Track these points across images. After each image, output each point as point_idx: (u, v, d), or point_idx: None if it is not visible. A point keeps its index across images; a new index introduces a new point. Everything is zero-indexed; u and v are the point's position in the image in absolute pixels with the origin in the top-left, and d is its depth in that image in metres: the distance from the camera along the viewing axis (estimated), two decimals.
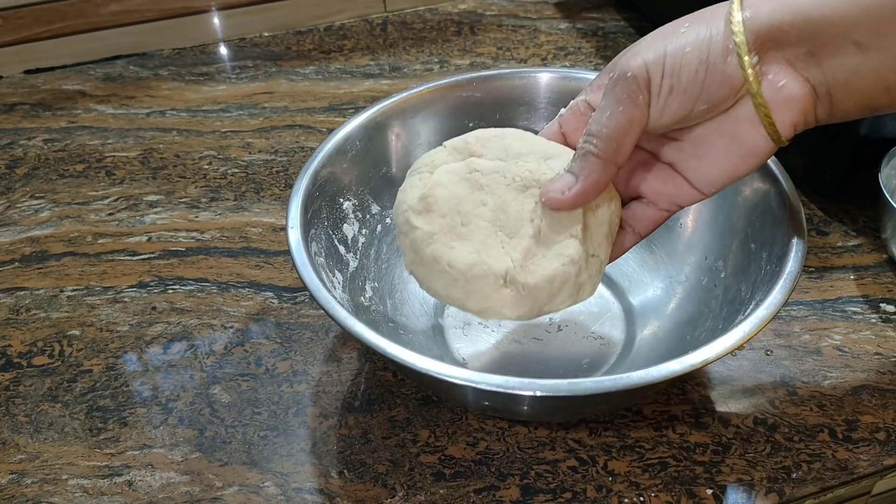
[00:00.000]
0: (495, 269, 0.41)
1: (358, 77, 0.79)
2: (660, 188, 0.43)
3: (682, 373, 0.38)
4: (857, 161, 0.58)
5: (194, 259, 0.60)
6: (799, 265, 0.42)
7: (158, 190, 0.66)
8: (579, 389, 0.38)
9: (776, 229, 0.45)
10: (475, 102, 0.55)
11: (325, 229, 0.49)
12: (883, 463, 0.46)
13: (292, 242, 0.45)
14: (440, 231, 0.42)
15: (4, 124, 0.75)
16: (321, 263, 0.46)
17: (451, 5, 0.90)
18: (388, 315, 0.51)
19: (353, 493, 0.45)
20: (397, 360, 0.39)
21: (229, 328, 0.55)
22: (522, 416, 0.48)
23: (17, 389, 0.52)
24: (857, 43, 0.36)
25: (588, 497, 0.45)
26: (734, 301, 0.46)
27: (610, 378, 0.38)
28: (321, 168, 0.50)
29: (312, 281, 0.43)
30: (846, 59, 0.37)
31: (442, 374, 0.38)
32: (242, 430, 0.49)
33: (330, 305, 0.41)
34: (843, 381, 0.50)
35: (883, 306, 0.54)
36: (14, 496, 0.46)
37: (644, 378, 0.38)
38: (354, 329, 0.40)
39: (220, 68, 0.81)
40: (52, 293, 0.58)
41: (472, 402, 0.46)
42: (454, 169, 0.43)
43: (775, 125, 0.38)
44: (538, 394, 0.38)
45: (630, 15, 0.87)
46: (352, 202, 0.52)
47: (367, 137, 0.53)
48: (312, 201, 0.49)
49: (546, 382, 0.38)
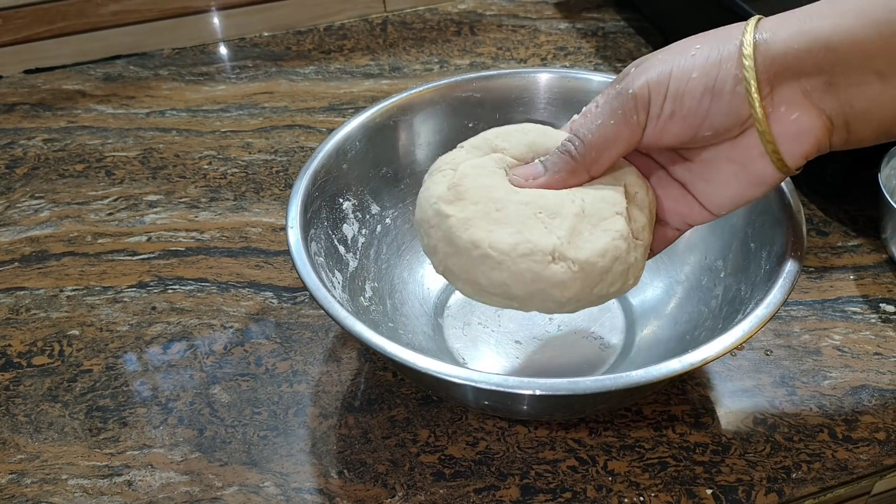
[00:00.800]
0: (542, 246, 0.38)
1: (358, 77, 0.79)
2: (672, 206, 0.42)
3: (681, 372, 0.38)
4: (857, 161, 0.58)
5: (194, 259, 0.60)
6: (798, 264, 0.42)
7: (158, 190, 0.66)
8: (579, 388, 0.38)
9: (776, 229, 0.45)
10: (475, 102, 0.56)
11: (324, 229, 0.49)
12: (883, 463, 0.46)
13: (292, 242, 0.45)
14: (475, 217, 0.39)
15: (4, 124, 0.75)
16: (321, 263, 0.46)
17: (451, 5, 0.90)
18: (388, 315, 0.52)
19: (353, 493, 0.45)
20: (397, 360, 0.39)
21: (229, 328, 0.55)
22: (522, 416, 0.48)
23: (17, 389, 0.52)
24: (878, 72, 0.35)
25: (588, 497, 0.45)
26: (734, 301, 0.46)
27: (610, 377, 0.38)
28: (321, 168, 0.50)
29: (312, 281, 0.43)
30: (866, 89, 0.35)
31: (441, 374, 0.38)
32: (242, 430, 0.49)
33: (329, 304, 0.41)
34: (843, 381, 0.50)
35: (883, 306, 0.54)
36: (14, 496, 0.46)
37: (644, 377, 0.38)
38: (354, 328, 0.40)
39: (220, 68, 0.81)
40: (51, 293, 0.58)
41: (472, 402, 0.46)
42: (479, 163, 0.41)
43: (783, 159, 0.37)
44: (538, 393, 0.38)
45: (630, 15, 0.87)
46: (352, 202, 0.52)
47: (366, 137, 0.53)
48: (312, 201, 0.49)
49: (545, 381, 0.38)
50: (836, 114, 0.36)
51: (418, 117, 0.55)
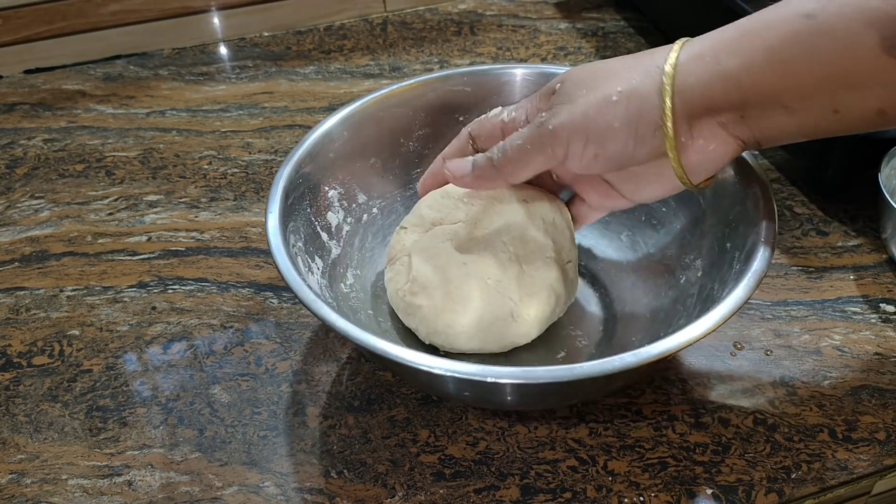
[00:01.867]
0: (502, 315, 0.47)
1: (358, 77, 0.79)
2: (598, 200, 0.48)
3: (622, 368, 0.39)
4: (857, 161, 0.58)
5: (194, 259, 0.60)
6: (765, 264, 0.43)
7: (158, 190, 0.66)
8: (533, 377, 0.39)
9: (749, 229, 0.46)
10: (463, 96, 0.57)
11: (307, 216, 0.51)
12: (883, 463, 0.46)
13: (270, 227, 0.47)
14: (441, 301, 0.47)
15: (4, 124, 0.75)
16: (300, 248, 0.48)
17: (451, 5, 0.90)
18: (368, 302, 0.52)
19: (353, 493, 0.45)
20: (350, 337, 0.41)
21: (229, 328, 0.55)
22: (503, 406, 0.48)
23: (17, 389, 0.52)
24: (785, 106, 0.39)
25: (588, 497, 0.45)
26: (707, 300, 0.46)
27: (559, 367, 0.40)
28: (307, 156, 0.51)
29: (283, 260, 0.44)
30: (774, 120, 0.39)
31: (403, 359, 0.40)
32: (242, 430, 0.49)
33: (289, 275, 0.43)
34: (843, 381, 0.50)
35: (883, 306, 0.54)
36: (14, 496, 0.46)
37: (588, 370, 0.39)
38: (313, 306, 0.42)
39: (220, 68, 0.81)
40: (51, 293, 0.58)
41: (439, 389, 0.47)
42: (426, 245, 0.49)
43: (690, 180, 0.42)
44: (491, 380, 0.39)
45: (630, 15, 0.87)
46: (338, 191, 0.53)
47: (354, 128, 0.54)
48: (295, 188, 0.50)
49: (493, 369, 0.39)
50: (748, 138, 0.41)
51: (406, 109, 0.56)
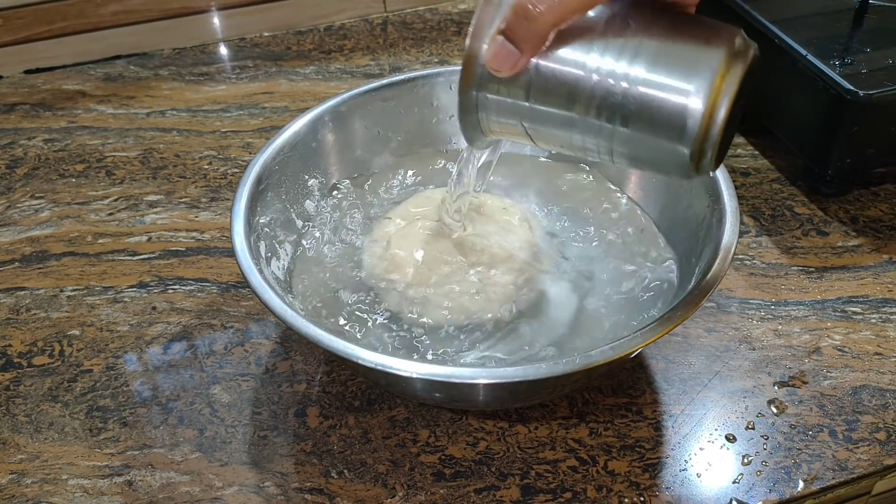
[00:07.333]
0: (470, 289, 0.49)
1: (358, 77, 0.79)
2: None
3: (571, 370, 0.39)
4: (857, 161, 0.58)
5: (194, 259, 0.60)
6: (716, 280, 0.43)
7: (158, 190, 0.66)
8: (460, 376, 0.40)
9: (709, 246, 0.46)
10: (450, 94, 0.58)
11: (282, 203, 0.52)
12: (883, 463, 0.46)
13: (234, 214, 0.47)
14: (413, 277, 0.49)
15: (4, 124, 0.75)
16: (266, 234, 0.49)
17: (451, 5, 0.90)
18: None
19: (353, 493, 0.45)
20: (285, 321, 0.41)
21: (229, 328, 0.55)
22: (476, 405, 0.49)
23: (18, 389, 0.52)
24: None
25: (588, 497, 0.45)
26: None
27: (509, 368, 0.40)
28: (285, 145, 0.53)
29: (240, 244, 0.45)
30: None
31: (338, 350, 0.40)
32: (242, 430, 0.49)
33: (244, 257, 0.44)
34: (843, 381, 0.50)
35: (883, 306, 0.54)
36: (14, 496, 0.46)
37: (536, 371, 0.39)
38: (259, 290, 0.43)
39: (220, 68, 0.81)
40: (52, 293, 0.58)
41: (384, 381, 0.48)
42: (405, 234, 0.51)
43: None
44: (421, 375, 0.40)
45: None
46: (318, 180, 0.55)
47: (338, 119, 0.56)
48: (270, 174, 0.51)
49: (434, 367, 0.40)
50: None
51: (390, 104, 0.57)
